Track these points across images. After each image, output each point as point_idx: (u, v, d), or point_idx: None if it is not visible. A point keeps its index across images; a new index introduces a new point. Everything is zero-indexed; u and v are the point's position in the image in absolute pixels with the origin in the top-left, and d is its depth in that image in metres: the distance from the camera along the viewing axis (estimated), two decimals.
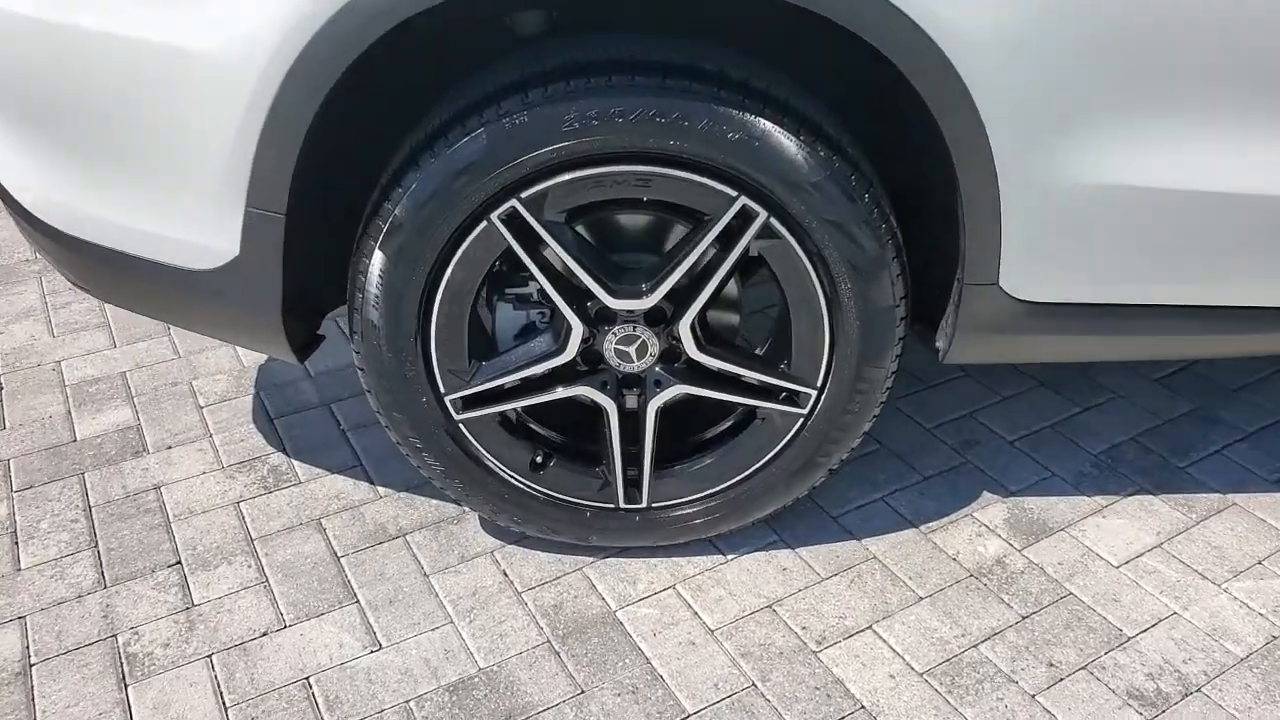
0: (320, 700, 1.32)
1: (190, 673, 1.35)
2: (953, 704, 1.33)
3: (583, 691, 1.34)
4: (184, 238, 1.28)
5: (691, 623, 1.44)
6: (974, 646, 1.41)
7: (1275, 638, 1.43)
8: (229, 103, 1.15)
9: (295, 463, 1.74)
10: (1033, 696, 1.34)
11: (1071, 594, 1.50)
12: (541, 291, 1.37)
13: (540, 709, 1.31)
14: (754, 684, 1.35)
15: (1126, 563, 1.56)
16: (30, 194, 1.34)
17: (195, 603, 1.46)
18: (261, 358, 2.02)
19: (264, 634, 1.41)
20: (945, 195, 1.28)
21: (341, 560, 1.54)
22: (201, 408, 1.88)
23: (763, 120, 1.18)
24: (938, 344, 1.44)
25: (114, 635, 1.41)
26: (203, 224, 1.26)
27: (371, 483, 1.70)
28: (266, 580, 1.50)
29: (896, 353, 1.38)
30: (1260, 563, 1.57)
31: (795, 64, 1.31)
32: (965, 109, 1.16)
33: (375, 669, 1.36)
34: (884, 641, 1.42)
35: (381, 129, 1.31)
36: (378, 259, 1.26)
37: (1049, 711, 1.32)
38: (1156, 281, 1.34)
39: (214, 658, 1.38)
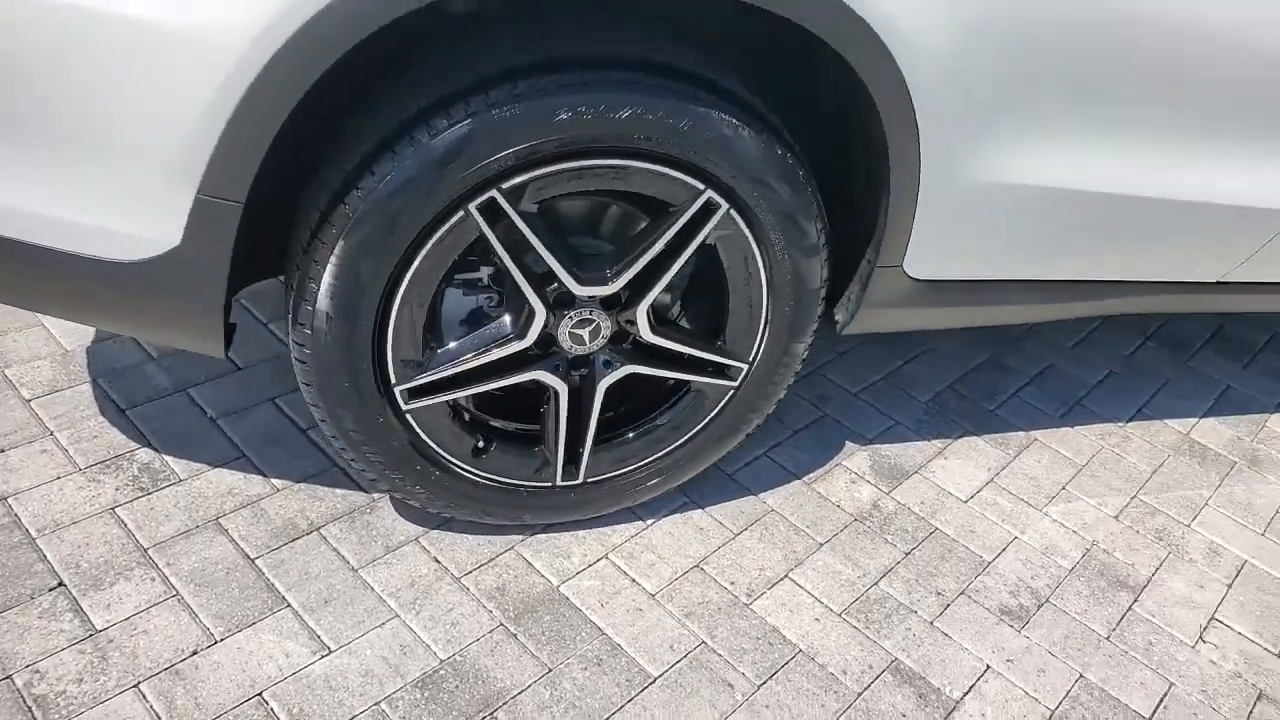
0: (283, 715, 1.25)
1: (120, 707, 1.23)
2: (872, 638, 1.50)
3: (550, 670, 1.37)
4: (112, 226, 1.13)
5: (632, 589, 1.51)
6: (875, 584, 1.60)
7: (1088, 549, 1.75)
8: (197, 82, 1.02)
9: (167, 458, 1.58)
10: (931, 623, 1.55)
11: (938, 529, 1.73)
12: (493, 276, 1.35)
13: (515, 691, 1.33)
14: (704, 642, 1.45)
15: (972, 497, 1.82)
16: None
17: (99, 627, 1.31)
18: (84, 339, 1.78)
19: (194, 652, 1.30)
20: (867, 191, 1.41)
21: (257, 562, 1.44)
22: (28, 401, 1.64)
23: (734, 120, 1.24)
24: (837, 318, 1.59)
25: (8, 677, 1.24)
26: (138, 211, 1.11)
27: (263, 474, 1.59)
28: (177, 593, 1.38)
29: (815, 329, 1.50)
30: (1064, 488, 1.89)
31: (749, 64, 1.37)
32: (907, 117, 1.28)
33: (333, 674, 1.31)
34: (801, 588, 1.57)
35: (348, 114, 1.21)
36: (339, 249, 1.18)
37: (946, 634, 1.53)
38: (1025, 261, 1.57)
39: (143, 686, 1.25)
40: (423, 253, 1.22)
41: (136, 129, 1.06)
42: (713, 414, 1.52)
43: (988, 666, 1.50)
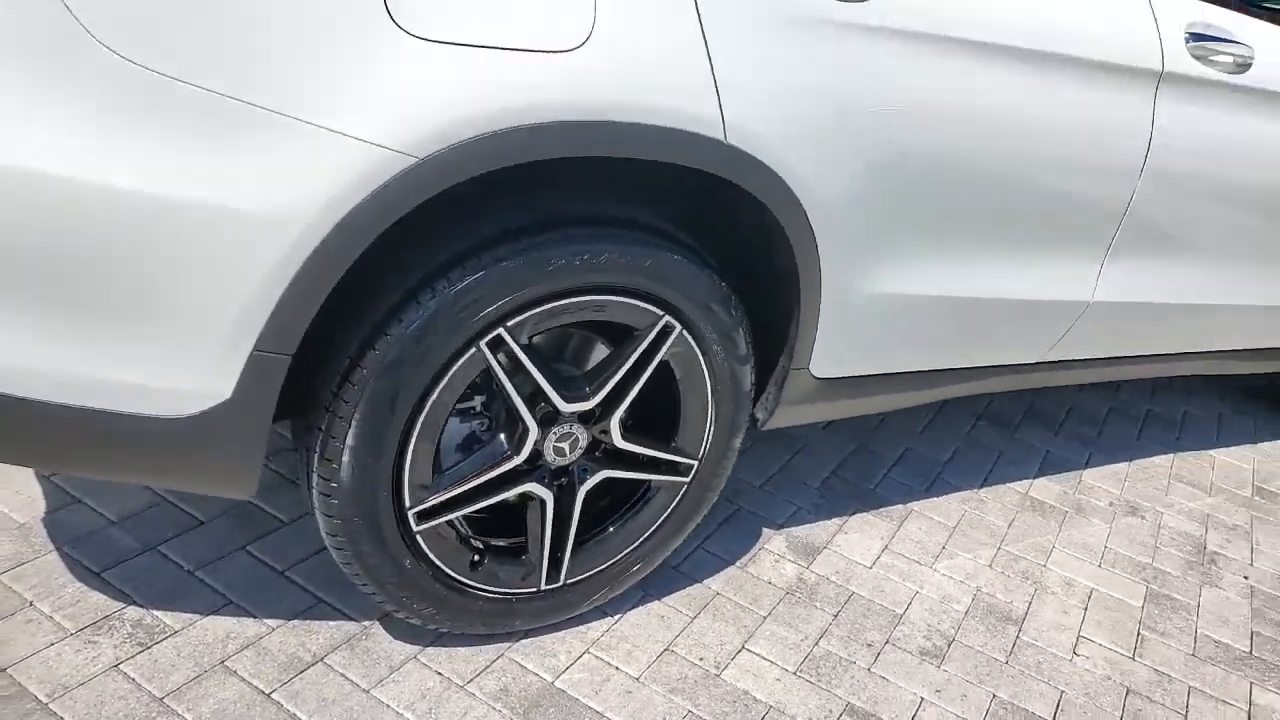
0: None
1: None
2: (825, 688, 1.74)
3: None
4: (165, 385, 1.25)
5: (619, 676, 1.68)
6: (816, 644, 1.84)
7: (975, 594, 2.07)
8: (263, 256, 1.20)
9: (157, 613, 1.63)
10: (869, 670, 1.80)
11: (854, 593, 2.00)
12: (486, 404, 1.55)
13: None
14: (690, 711, 1.64)
15: (874, 563, 2.11)
16: None
17: None
18: (36, 510, 1.81)
19: None
20: (780, 307, 1.72)
21: (273, 696, 1.51)
22: None
23: (683, 259, 1.52)
24: (758, 416, 1.87)
25: None
26: (194, 369, 1.25)
27: (254, 616, 1.66)
28: None
29: (746, 426, 1.78)
30: (944, 547, 2.22)
31: (689, 212, 1.66)
32: (811, 246, 1.61)
33: None
34: (758, 656, 1.79)
35: (377, 269, 1.39)
36: (370, 388, 1.35)
37: (884, 678, 1.79)
38: (904, 357, 1.92)
39: None
40: (440, 387, 1.40)
41: (202, 299, 1.21)
42: (674, 504, 1.75)
43: (922, 699, 1.76)
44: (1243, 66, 2.03)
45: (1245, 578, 2.32)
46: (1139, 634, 2.05)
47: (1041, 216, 1.88)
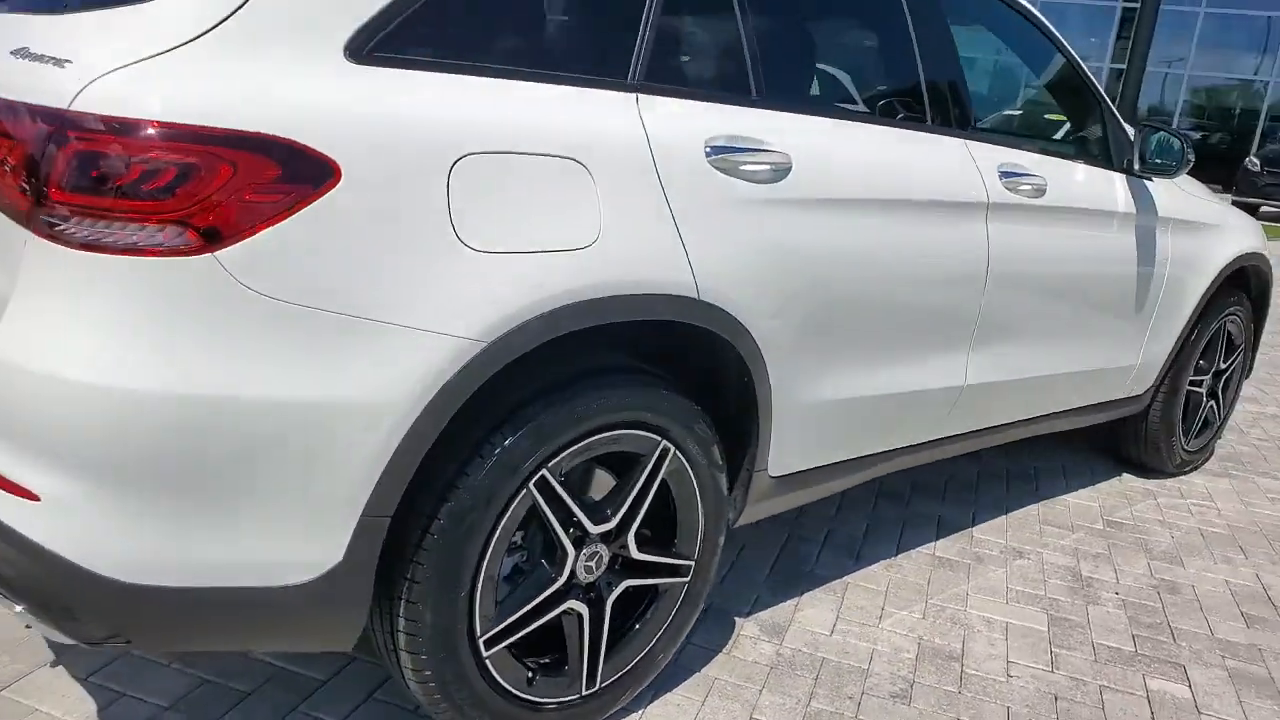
0: None
1: None
2: None
3: None
4: (286, 556, 1.48)
5: None
6: (807, 704, 2.15)
7: (920, 641, 2.44)
8: (383, 430, 1.47)
9: None
10: (856, 718, 2.13)
11: (825, 658, 2.34)
12: (528, 536, 1.82)
13: None
14: None
15: (832, 631, 2.46)
16: (119, 554, 1.38)
17: None
18: (89, 711, 1.91)
19: None
20: (740, 424, 2.09)
21: None
22: None
23: (671, 391, 1.88)
24: (729, 516, 2.21)
25: None
26: (315, 536, 1.48)
27: None
28: None
29: (726, 525, 2.12)
30: (883, 608, 2.59)
31: (662, 351, 2.02)
32: (763, 370, 2.00)
33: None
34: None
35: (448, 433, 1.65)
36: (447, 535, 1.61)
37: None
38: (840, 448, 2.32)
39: None
40: (500, 527, 1.68)
41: (321, 481, 1.46)
42: (680, 601, 2.05)
43: None
44: (1040, 192, 2.62)
45: (1116, 593, 2.81)
46: (1051, 651, 2.46)
47: (924, 324, 2.36)
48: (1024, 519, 3.27)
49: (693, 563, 2.05)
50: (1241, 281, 3.69)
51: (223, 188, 1.35)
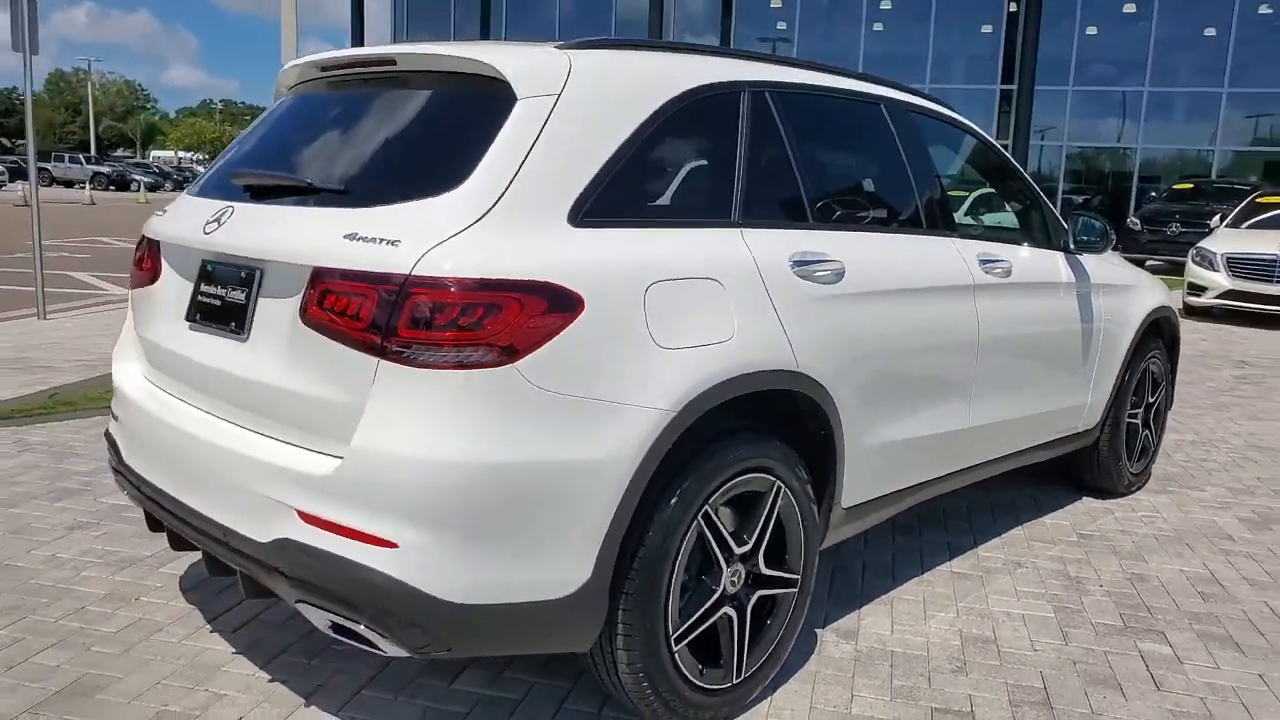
0: None
1: None
2: (914, 702, 2.65)
3: None
4: (555, 576, 2.06)
5: None
6: (890, 682, 2.76)
7: (960, 633, 3.07)
8: (616, 478, 2.07)
9: None
10: (930, 688, 2.74)
11: (893, 651, 2.95)
12: (690, 561, 2.41)
13: None
14: None
15: (893, 632, 3.08)
16: (450, 582, 1.95)
17: None
18: None
19: None
20: (824, 463, 2.73)
21: None
22: None
23: (780, 444, 2.52)
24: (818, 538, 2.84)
25: None
26: (573, 560, 2.07)
27: None
28: None
29: (819, 546, 2.74)
30: (926, 613, 3.22)
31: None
32: (838, 422, 2.66)
33: None
34: (862, 696, 2.67)
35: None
36: (650, 557, 2.20)
37: (941, 690, 2.73)
38: (894, 480, 2.98)
39: None
40: (682, 548, 2.27)
41: (577, 517, 2.05)
42: (791, 607, 2.65)
43: (970, 695, 2.71)
44: (1008, 273, 3.39)
45: (1100, 586, 3.50)
46: (1062, 631, 3.12)
47: (940, 380, 3.07)
48: (1014, 538, 3.96)
49: (799, 576, 2.66)
50: (1157, 330, 4.53)
51: (515, 319, 1.97)
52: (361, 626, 2.02)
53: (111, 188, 43.53)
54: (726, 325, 2.32)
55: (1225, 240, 11.64)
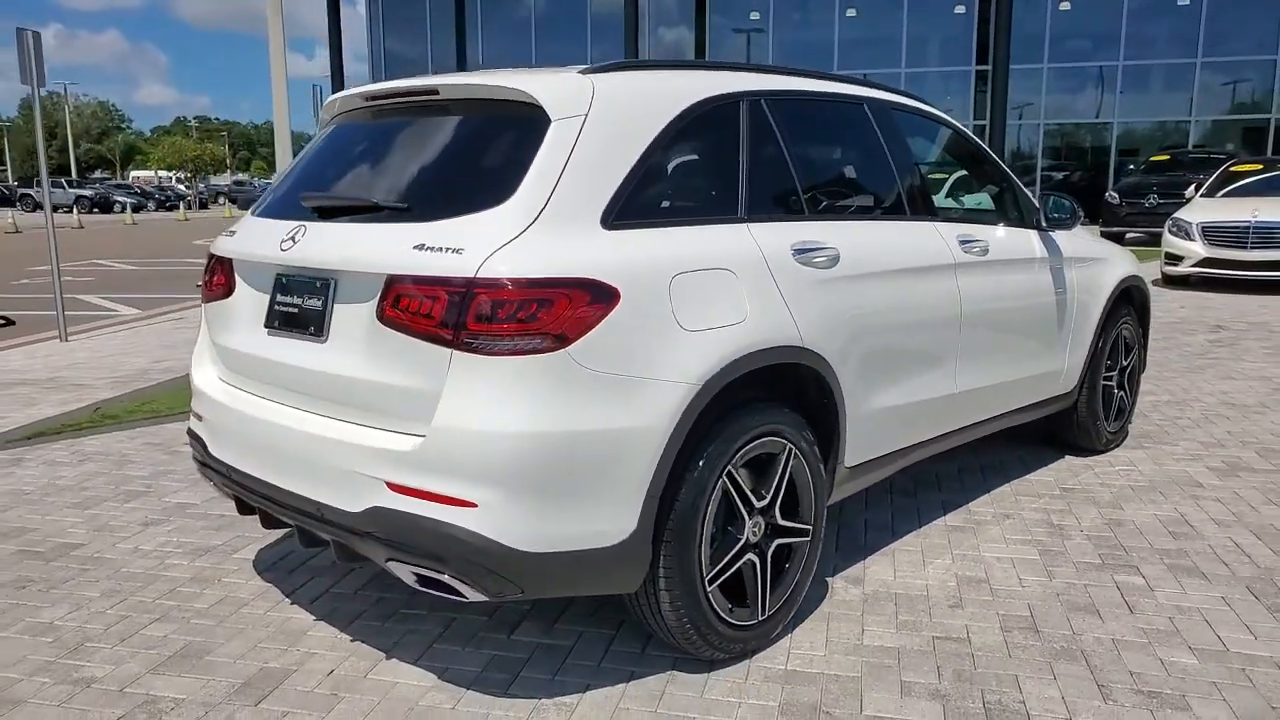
0: None
1: None
2: (917, 633, 3.02)
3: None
4: (607, 527, 2.42)
5: (818, 656, 2.88)
6: (896, 618, 3.13)
7: (956, 576, 3.45)
8: (653, 443, 2.44)
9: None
10: (931, 620, 3.11)
11: (896, 593, 3.32)
12: (720, 512, 2.78)
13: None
14: (857, 657, 2.87)
15: (895, 578, 3.45)
16: (522, 533, 2.31)
17: None
18: None
19: None
20: (830, 426, 3.10)
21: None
22: None
23: (790, 410, 2.88)
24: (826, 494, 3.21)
25: None
26: (621, 514, 2.43)
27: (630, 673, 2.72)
28: None
29: (826, 500, 3.10)
30: (925, 561, 3.60)
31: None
32: (839, 390, 3.02)
33: None
34: (872, 629, 3.05)
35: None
36: (684, 509, 2.57)
37: (940, 622, 3.10)
38: (893, 440, 3.34)
39: None
40: (712, 501, 2.64)
41: (625, 475, 2.42)
42: (805, 554, 3.02)
43: (966, 625, 3.08)
44: (985, 251, 3.76)
45: (1081, 531, 3.88)
46: (1047, 570, 3.50)
47: (928, 350, 3.44)
48: (1002, 495, 4.34)
49: (810, 526, 3.03)
50: (1128, 298, 4.91)
51: (564, 312, 2.33)
52: (446, 576, 2.38)
53: (95, 210, 43.61)
54: (740, 309, 2.68)
55: (1200, 210, 12.05)
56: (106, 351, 8.13)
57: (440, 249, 2.38)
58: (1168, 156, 20.18)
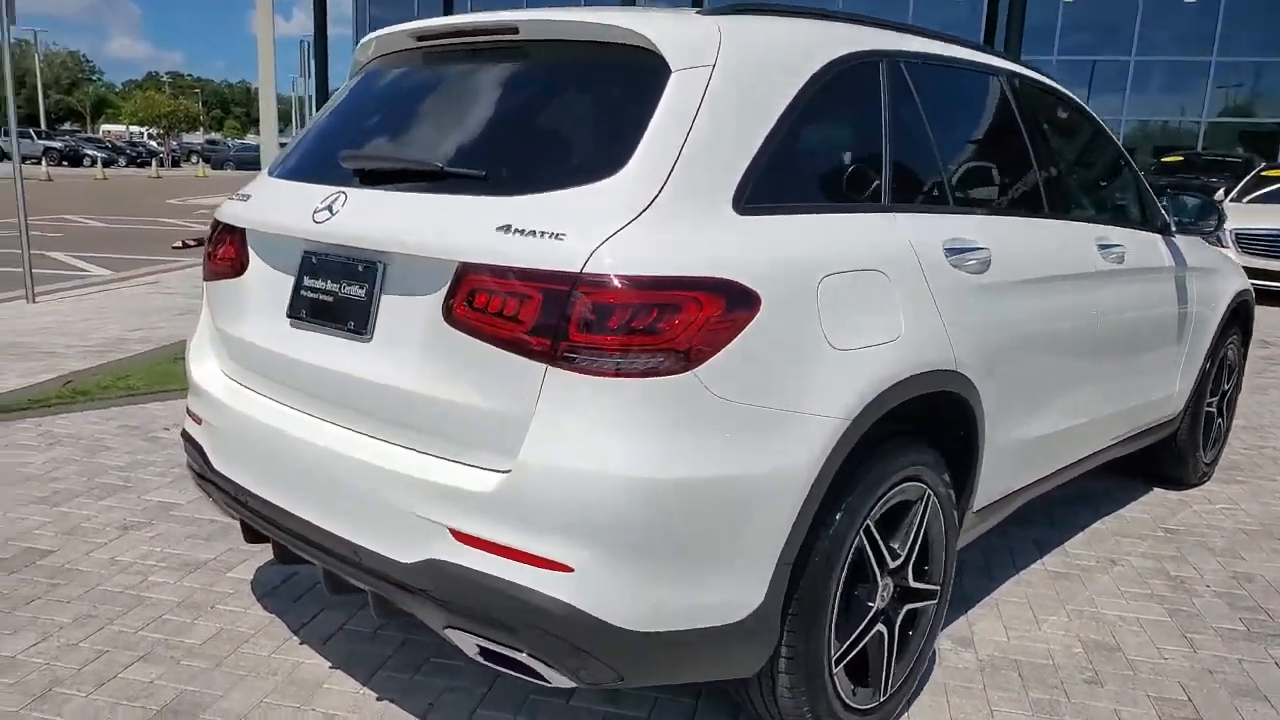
0: None
1: None
2: (1051, 715, 2.51)
3: None
4: (731, 599, 1.88)
5: None
6: (1026, 694, 2.62)
7: (1080, 638, 2.94)
8: (793, 494, 1.89)
9: None
10: (1069, 702, 2.60)
11: (1016, 659, 2.81)
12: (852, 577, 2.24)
13: None
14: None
15: (1009, 638, 2.93)
16: (628, 607, 1.77)
17: None
18: None
19: None
20: (964, 470, 2.56)
21: None
22: None
23: (934, 453, 2.34)
24: None
25: None
26: (749, 581, 1.89)
27: None
28: None
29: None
30: (1036, 617, 3.08)
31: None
32: (980, 418, 2.48)
33: None
34: (997, 709, 2.53)
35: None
36: (815, 574, 2.03)
37: (1084, 704, 2.59)
38: (1021, 476, 2.81)
39: None
40: (845, 564, 2.11)
41: (754, 537, 1.88)
42: (931, 621, 2.49)
43: (1114, 709, 2.57)
44: (1122, 259, 3.23)
45: (1208, 586, 3.38)
46: (1184, 635, 2.99)
47: (1065, 372, 2.92)
48: (1099, 534, 3.83)
49: (939, 587, 2.50)
50: (1236, 314, 4.40)
51: (694, 321, 1.78)
52: (523, 655, 1.84)
53: (64, 163, 42.17)
54: (895, 322, 2.14)
55: (1231, 216, 11.60)
56: (77, 316, 7.48)
57: (534, 233, 1.82)
58: (1181, 158, 19.77)
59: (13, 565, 3.09)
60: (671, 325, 1.76)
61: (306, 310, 2.22)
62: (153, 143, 61.56)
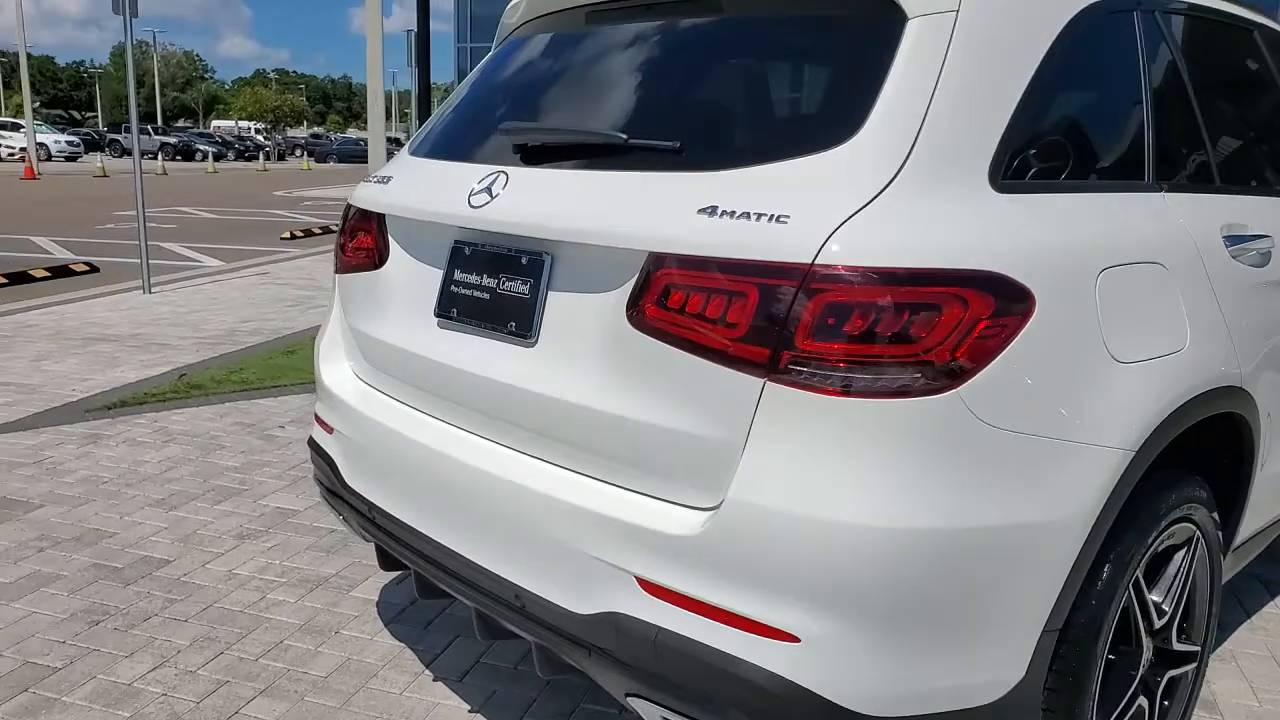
0: None
1: None
2: None
3: None
4: (987, 677, 1.49)
5: None
6: None
7: None
8: (1068, 546, 1.49)
9: None
10: None
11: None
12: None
13: None
14: None
15: (1260, 702, 2.46)
16: (865, 687, 1.39)
17: None
18: None
19: None
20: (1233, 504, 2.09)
21: None
22: None
23: (1204, 484, 1.90)
24: None
25: None
26: (1008, 654, 1.50)
27: None
28: None
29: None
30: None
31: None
32: (1253, 443, 2.02)
33: None
34: None
35: None
36: (1082, 639, 1.62)
37: None
38: (1266, 514, 2.32)
39: None
40: (1112, 624, 1.68)
41: (1015, 601, 1.48)
42: (1191, 686, 2.05)
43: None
44: None
45: None
46: None
47: None
48: None
49: (1200, 649, 2.05)
50: None
51: (957, 326, 1.39)
52: None
53: (178, 157, 43.77)
54: (1179, 327, 1.72)
55: None
56: (190, 306, 7.44)
57: (747, 215, 1.45)
58: None
59: (129, 576, 2.89)
60: (930, 331, 1.38)
61: (458, 308, 1.90)
62: (259, 137, 63.44)
